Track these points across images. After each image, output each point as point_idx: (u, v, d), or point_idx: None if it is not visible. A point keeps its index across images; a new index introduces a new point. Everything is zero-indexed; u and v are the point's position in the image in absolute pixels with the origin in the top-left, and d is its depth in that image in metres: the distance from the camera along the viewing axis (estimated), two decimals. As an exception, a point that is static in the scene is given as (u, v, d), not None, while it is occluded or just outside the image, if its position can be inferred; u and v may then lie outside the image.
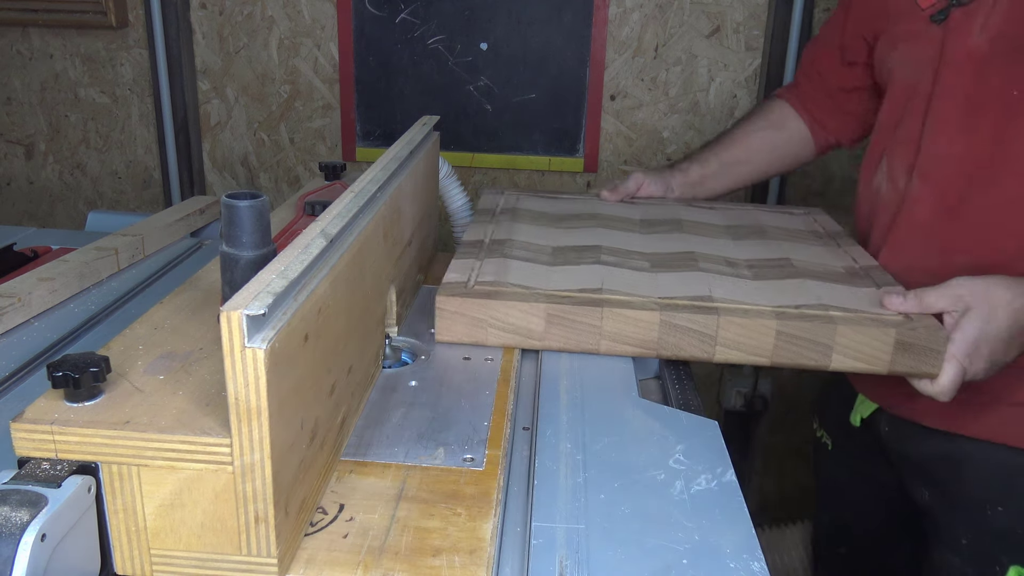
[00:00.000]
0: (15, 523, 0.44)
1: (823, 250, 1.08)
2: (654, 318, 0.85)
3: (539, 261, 0.98)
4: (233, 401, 0.48)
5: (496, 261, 0.97)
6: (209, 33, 2.01)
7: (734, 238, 1.11)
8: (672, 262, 1.00)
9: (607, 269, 0.96)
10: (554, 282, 0.91)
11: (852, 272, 1.00)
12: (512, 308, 0.86)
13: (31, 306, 0.92)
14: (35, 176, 2.18)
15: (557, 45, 1.93)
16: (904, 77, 1.05)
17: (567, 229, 1.12)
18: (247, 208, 0.59)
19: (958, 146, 0.96)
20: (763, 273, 0.98)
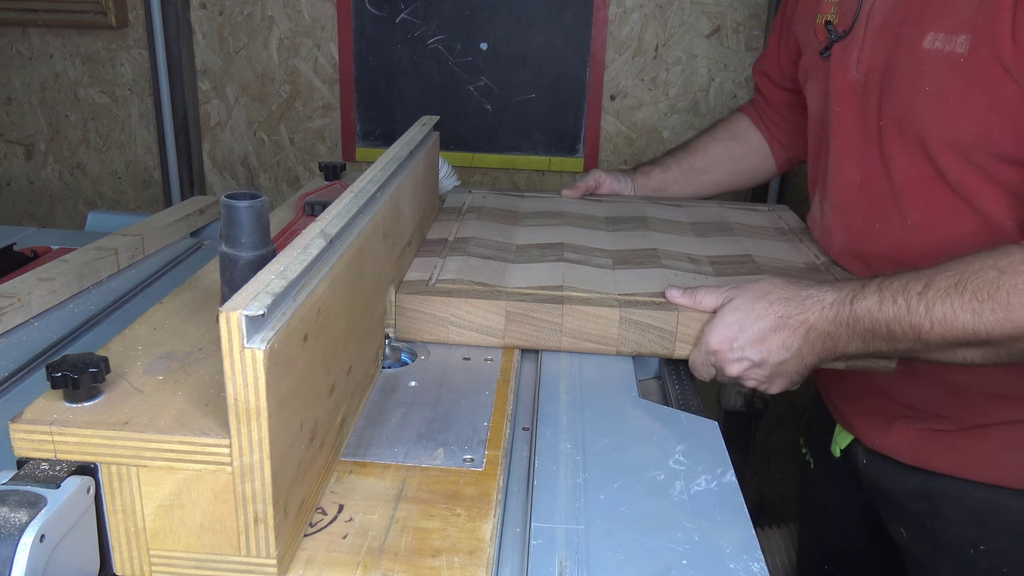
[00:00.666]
0: (14, 524, 0.44)
1: (786, 246, 1.09)
2: (614, 315, 0.86)
3: (502, 259, 0.99)
4: (232, 401, 0.48)
5: (458, 259, 0.98)
6: (209, 33, 2.01)
7: (698, 235, 1.12)
8: (634, 259, 1.00)
9: (569, 266, 0.96)
10: (516, 279, 0.92)
11: (813, 268, 1.01)
12: (472, 306, 0.87)
13: (31, 306, 0.92)
14: (35, 176, 2.18)
15: (557, 45, 1.93)
16: (813, 111, 1.07)
17: (532, 227, 1.12)
18: (246, 208, 0.59)
19: (855, 175, 0.97)
20: (725, 269, 0.98)
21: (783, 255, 1.05)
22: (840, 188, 1.00)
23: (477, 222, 1.13)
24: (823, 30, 1.01)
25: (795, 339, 0.81)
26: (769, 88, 1.26)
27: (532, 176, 2.05)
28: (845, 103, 0.97)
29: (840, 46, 0.97)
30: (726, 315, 0.83)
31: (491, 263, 0.97)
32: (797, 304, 0.81)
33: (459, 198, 1.25)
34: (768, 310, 0.81)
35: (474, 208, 1.20)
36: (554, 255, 1.00)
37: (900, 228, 0.94)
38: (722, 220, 1.20)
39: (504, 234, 1.09)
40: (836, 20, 0.99)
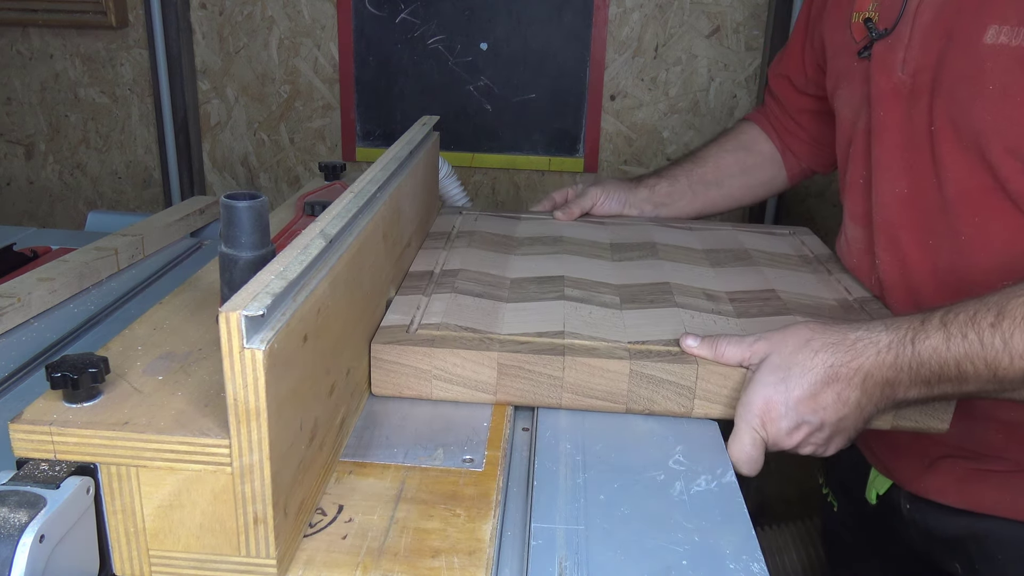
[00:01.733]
0: (13, 524, 0.44)
1: (813, 278, 0.98)
2: (623, 368, 0.74)
3: (494, 296, 0.87)
4: (232, 402, 0.48)
5: (445, 297, 0.86)
6: (209, 33, 2.01)
7: (713, 264, 1.00)
8: (644, 296, 0.89)
9: (571, 306, 0.85)
10: (510, 323, 0.80)
11: (846, 306, 0.90)
12: (459, 357, 0.74)
13: (31, 306, 0.92)
14: (35, 176, 2.18)
15: (557, 45, 1.93)
16: (846, 119, 0.98)
17: (528, 256, 1.01)
18: (246, 209, 0.59)
19: (902, 188, 0.89)
20: (747, 308, 0.87)
21: (811, 290, 0.94)
22: (885, 203, 0.90)
23: (467, 250, 1.01)
24: (861, 28, 0.92)
25: (851, 390, 0.70)
26: (789, 93, 1.16)
27: (532, 176, 2.05)
28: (889, 108, 0.88)
29: (882, 45, 0.88)
30: (765, 376, 0.71)
31: (482, 302, 0.85)
32: (846, 350, 0.70)
33: (448, 221, 1.13)
34: (814, 360, 0.70)
35: (464, 233, 1.08)
36: (553, 291, 0.89)
37: (952, 245, 0.85)
38: (739, 246, 1.08)
39: (497, 265, 0.97)
40: (877, 17, 0.90)
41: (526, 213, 1.19)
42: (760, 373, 0.71)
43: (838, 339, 0.71)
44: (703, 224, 1.18)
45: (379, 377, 0.75)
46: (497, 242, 1.05)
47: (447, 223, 1.12)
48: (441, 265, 0.95)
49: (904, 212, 0.89)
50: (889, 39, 0.88)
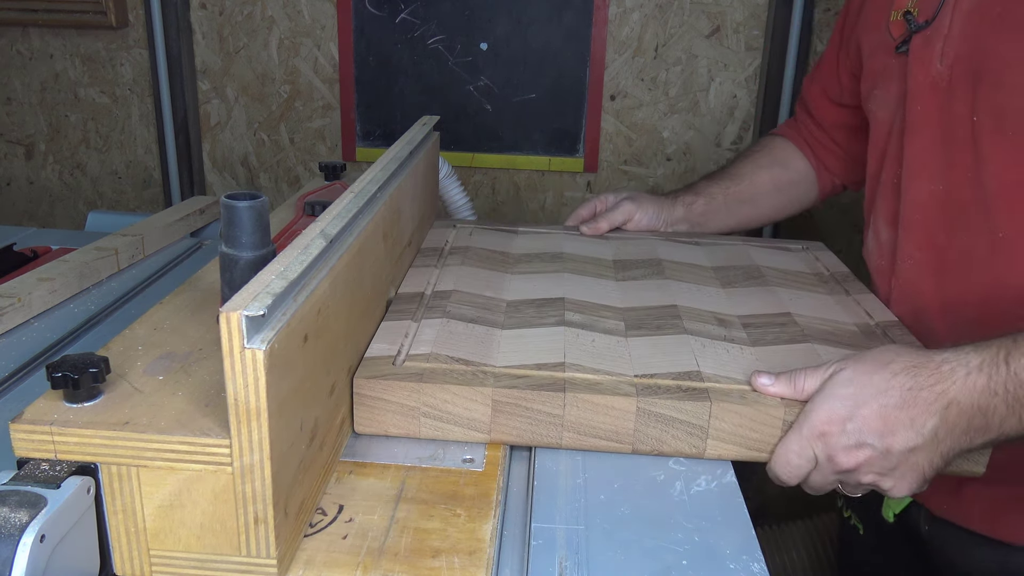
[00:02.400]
0: (14, 524, 0.44)
1: (830, 300, 0.92)
2: (629, 405, 0.68)
3: (489, 322, 0.81)
4: (232, 402, 0.48)
5: (436, 323, 0.80)
6: (209, 33, 2.01)
7: (724, 284, 0.95)
8: (651, 321, 0.83)
9: (572, 333, 0.79)
10: (506, 353, 0.74)
11: (867, 332, 0.84)
12: (450, 393, 0.68)
13: (31, 306, 0.92)
14: (35, 176, 2.18)
15: (557, 45, 1.93)
16: (881, 120, 0.94)
17: (526, 275, 0.94)
18: (246, 209, 0.59)
19: (936, 184, 0.85)
20: (762, 336, 0.81)
21: (829, 313, 0.88)
22: (917, 202, 0.87)
23: (461, 269, 0.95)
24: (900, 25, 0.90)
25: (929, 417, 0.63)
26: (824, 106, 1.12)
27: (532, 176, 2.05)
28: (927, 101, 0.85)
29: (920, 38, 0.86)
30: (836, 388, 0.65)
31: (476, 329, 0.79)
32: (930, 372, 0.64)
33: (441, 235, 1.07)
34: (891, 382, 0.64)
35: (458, 249, 1.02)
36: (553, 315, 0.83)
37: (988, 244, 0.81)
38: (750, 263, 1.02)
39: (493, 285, 0.91)
40: (917, 10, 0.87)
41: (523, 226, 1.13)
42: (829, 384, 0.66)
43: (921, 361, 0.65)
44: (711, 238, 1.12)
45: (362, 415, 0.69)
46: (493, 259, 0.99)
47: (440, 238, 1.06)
48: (433, 285, 0.89)
49: (938, 210, 0.85)
50: (927, 31, 0.85)
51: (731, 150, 1.99)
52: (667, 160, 2.01)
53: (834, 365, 0.67)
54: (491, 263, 0.98)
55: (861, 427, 0.63)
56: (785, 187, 1.16)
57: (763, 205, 1.16)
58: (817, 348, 0.79)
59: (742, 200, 1.15)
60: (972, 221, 0.83)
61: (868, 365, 0.66)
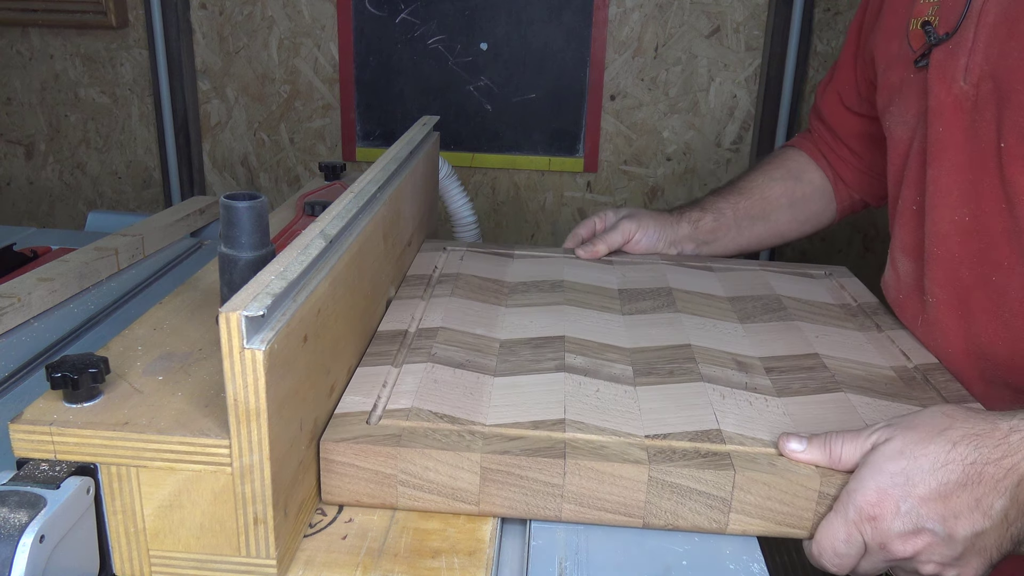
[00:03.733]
0: (14, 524, 0.44)
1: (861, 337, 0.82)
2: (640, 474, 0.58)
3: (479, 367, 0.71)
4: (232, 402, 0.48)
5: (419, 369, 0.70)
6: (209, 33, 2.01)
7: (742, 318, 0.85)
8: (662, 365, 0.74)
9: (573, 381, 0.69)
10: (497, 407, 0.65)
11: (907, 378, 0.74)
12: (432, 460, 0.59)
13: (31, 306, 0.92)
14: (35, 176, 2.18)
15: (557, 45, 1.93)
16: (899, 139, 0.86)
17: (522, 308, 0.85)
18: (246, 209, 0.59)
19: (962, 214, 0.77)
20: (788, 383, 0.71)
21: (861, 353, 0.78)
22: (942, 233, 0.79)
23: (450, 300, 0.85)
24: (919, 35, 0.81)
25: (996, 497, 0.54)
26: (840, 114, 1.03)
27: (532, 176, 2.05)
28: (949, 122, 0.77)
29: (942, 51, 0.78)
30: (883, 462, 0.56)
31: (464, 376, 0.69)
32: (996, 443, 0.55)
33: (430, 260, 0.97)
34: (950, 454, 0.55)
35: (447, 277, 0.92)
36: (552, 359, 0.73)
37: (1021, 282, 0.74)
38: (768, 292, 0.92)
39: (485, 320, 0.81)
40: (937, 20, 0.79)
41: (519, 249, 1.03)
42: (876, 457, 0.57)
43: (984, 429, 0.56)
44: (725, 263, 1.01)
45: (331, 483, 0.59)
46: (485, 288, 0.89)
47: (428, 263, 0.96)
48: (418, 321, 0.80)
49: (964, 243, 0.78)
50: (950, 44, 0.77)
51: (731, 150, 1.99)
52: (667, 160, 2.01)
53: (877, 431, 0.58)
54: (483, 293, 0.88)
55: (918, 510, 0.55)
56: (799, 202, 1.06)
57: (776, 221, 1.06)
58: (852, 399, 0.69)
59: (753, 216, 1.05)
60: (1002, 256, 0.75)
61: (920, 433, 0.57)
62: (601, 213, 1.06)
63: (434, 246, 1.02)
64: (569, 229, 2.07)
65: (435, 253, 1.00)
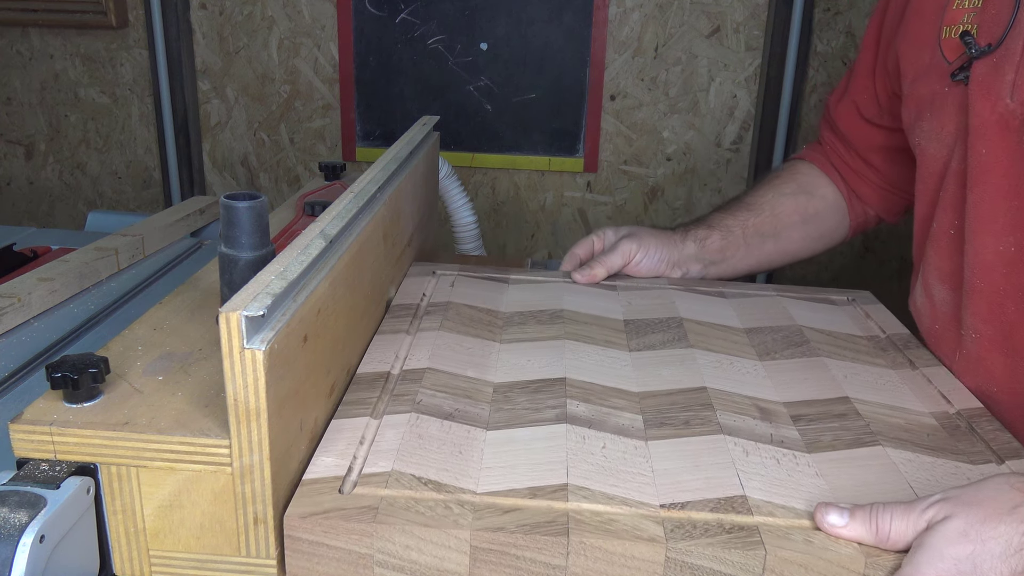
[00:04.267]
0: (14, 524, 0.44)
1: (894, 376, 0.74)
2: (655, 554, 0.51)
3: (470, 417, 0.62)
4: (232, 402, 0.48)
5: (402, 421, 0.61)
6: (209, 33, 2.01)
7: (761, 354, 0.77)
8: (675, 412, 0.65)
9: (576, 435, 0.61)
10: (490, 468, 0.56)
11: (950, 427, 0.66)
12: (414, 538, 0.51)
13: (31, 306, 0.92)
14: (35, 176, 2.18)
15: (557, 45, 1.93)
16: (932, 157, 0.80)
17: (518, 343, 0.76)
18: (246, 209, 0.59)
19: (1007, 244, 0.72)
20: (818, 435, 0.63)
21: (896, 396, 0.70)
22: (982, 263, 0.73)
23: (438, 335, 0.76)
24: (956, 45, 0.75)
25: None
26: (857, 127, 0.96)
27: (532, 176, 2.05)
28: (993, 143, 0.71)
29: (984, 65, 0.71)
30: (945, 546, 0.49)
31: (453, 429, 0.61)
32: None
33: (418, 286, 0.88)
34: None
35: (437, 306, 0.83)
36: (552, 406, 0.65)
37: None
38: (788, 323, 0.84)
39: (477, 359, 0.72)
40: (976, 30, 0.73)
41: (515, 272, 0.94)
42: (934, 539, 0.49)
43: None
44: (739, 288, 0.93)
45: (297, 564, 0.52)
46: (478, 320, 0.81)
47: (416, 289, 0.87)
48: (402, 361, 0.71)
49: (1011, 275, 0.72)
50: (994, 57, 0.71)
51: (731, 150, 1.99)
52: (667, 160, 2.01)
53: (934, 506, 0.51)
54: (476, 326, 0.79)
55: None
56: (812, 218, 0.99)
57: (788, 239, 0.99)
58: (891, 454, 0.61)
59: (763, 234, 0.98)
60: None
61: (986, 510, 0.49)
62: (600, 232, 0.97)
63: (423, 270, 0.93)
64: (569, 229, 2.08)
65: (424, 278, 0.90)
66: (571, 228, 2.09)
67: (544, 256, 2.11)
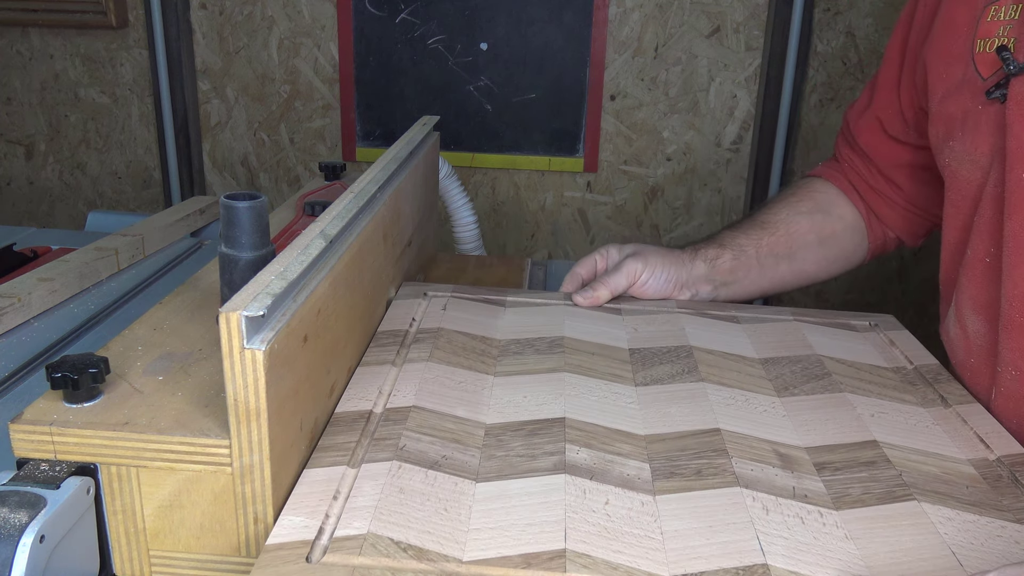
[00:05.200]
0: (14, 524, 0.44)
1: (926, 416, 0.67)
2: None
3: (458, 466, 0.56)
4: (232, 402, 0.48)
5: (382, 471, 0.54)
6: (209, 33, 2.01)
7: (779, 389, 0.70)
8: (686, 460, 0.58)
9: (576, 488, 0.54)
10: (479, 529, 0.50)
11: (991, 477, 0.59)
12: None
13: (31, 306, 0.92)
14: (35, 176, 2.18)
15: (557, 45, 1.93)
16: (965, 180, 0.75)
17: (514, 376, 0.69)
18: (246, 209, 0.59)
19: None
20: (846, 488, 0.56)
21: (929, 440, 0.63)
22: (1021, 296, 0.69)
23: (427, 367, 0.69)
24: (991, 60, 0.70)
25: None
26: (880, 142, 0.91)
27: (532, 176, 2.05)
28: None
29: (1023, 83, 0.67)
30: None
31: (439, 481, 0.54)
32: None
33: (407, 310, 0.80)
34: None
35: (426, 333, 0.76)
36: (550, 452, 0.58)
37: None
38: (807, 351, 0.77)
39: (467, 396, 0.65)
40: (1014, 44, 0.68)
41: (512, 294, 0.86)
42: None
43: None
44: (753, 312, 0.86)
45: None
46: (471, 349, 0.73)
47: (404, 314, 0.79)
48: (386, 398, 0.64)
49: None
50: None
51: (731, 150, 1.99)
52: (667, 160, 2.01)
53: None
54: (468, 355, 0.72)
55: None
56: (829, 239, 0.94)
57: (803, 260, 0.94)
58: (928, 510, 0.54)
59: (778, 255, 0.92)
60: None
61: None
62: (603, 250, 0.91)
63: (413, 291, 0.85)
64: (569, 229, 2.08)
65: (414, 301, 0.83)
66: (571, 228, 2.09)
67: (544, 256, 2.11)
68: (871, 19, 1.86)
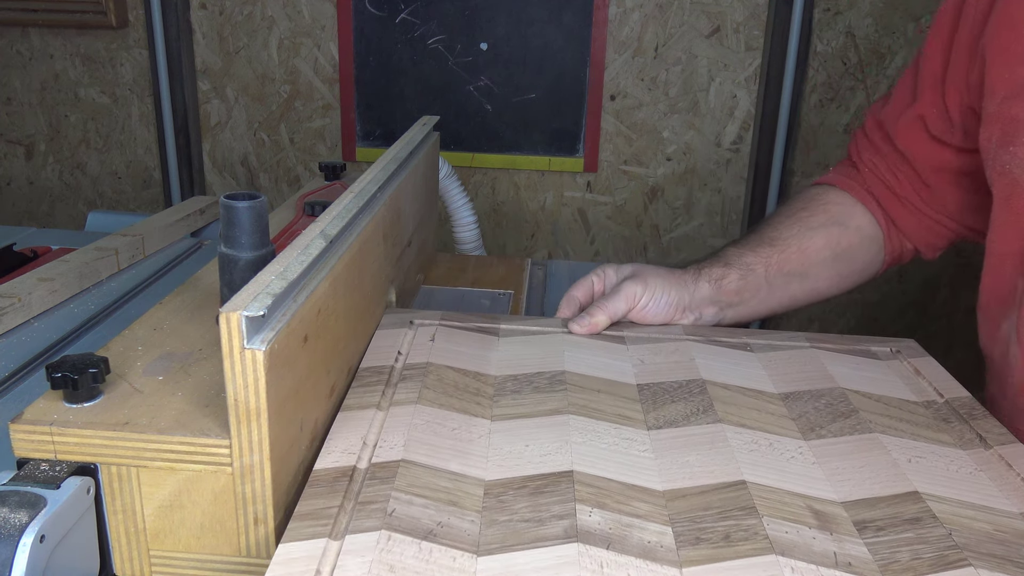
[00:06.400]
0: (14, 524, 0.44)
1: (968, 461, 0.60)
2: None
3: (453, 538, 0.48)
4: (232, 402, 0.48)
5: (368, 544, 0.46)
6: (209, 33, 2.01)
7: (804, 431, 0.62)
8: (711, 522, 0.51)
9: (592, 561, 0.46)
10: None
11: None
12: None
13: (31, 306, 0.92)
14: (35, 176, 2.18)
15: (557, 45, 1.93)
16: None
17: (512, 420, 0.61)
18: (246, 209, 0.59)
19: None
20: (893, 553, 0.49)
21: (978, 493, 0.56)
22: None
23: (415, 410, 0.61)
24: None
25: None
26: (922, 144, 0.83)
27: (532, 176, 2.05)
28: None
29: None
30: None
31: (433, 557, 0.46)
32: None
33: (392, 341, 0.72)
34: None
35: (414, 369, 0.68)
36: (557, 517, 0.50)
37: None
38: (830, 385, 0.70)
39: (462, 446, 0.57)
40: None
41: (506, 321, 0.79)
42: None
43: None
44: (766, 338, 0.79)
45: None
46: (464, 388, 0.66)
47: (389, 347, 0.71)
48: (371, 450, 0.56)
49: None
50: None
51: (731, 150, 1.99)
52: (667, 160, 2.01)
53: None
54: (461, 396, 0.64)
55: None
56: (845, 254, 0.88)
57: (816, 278, 0.88)
58: None
59: (789, 273, 0.86)
60: None
61: None
62: (600, 271, 0.84)
63: (398, 320, 0.77)
64: (569, 229, 2.08)
65: (399, 331, 0.74)
66: (571, 228, 2.09)
67: (544, 256, 2.11)
68: (871, 19, 1.86)
